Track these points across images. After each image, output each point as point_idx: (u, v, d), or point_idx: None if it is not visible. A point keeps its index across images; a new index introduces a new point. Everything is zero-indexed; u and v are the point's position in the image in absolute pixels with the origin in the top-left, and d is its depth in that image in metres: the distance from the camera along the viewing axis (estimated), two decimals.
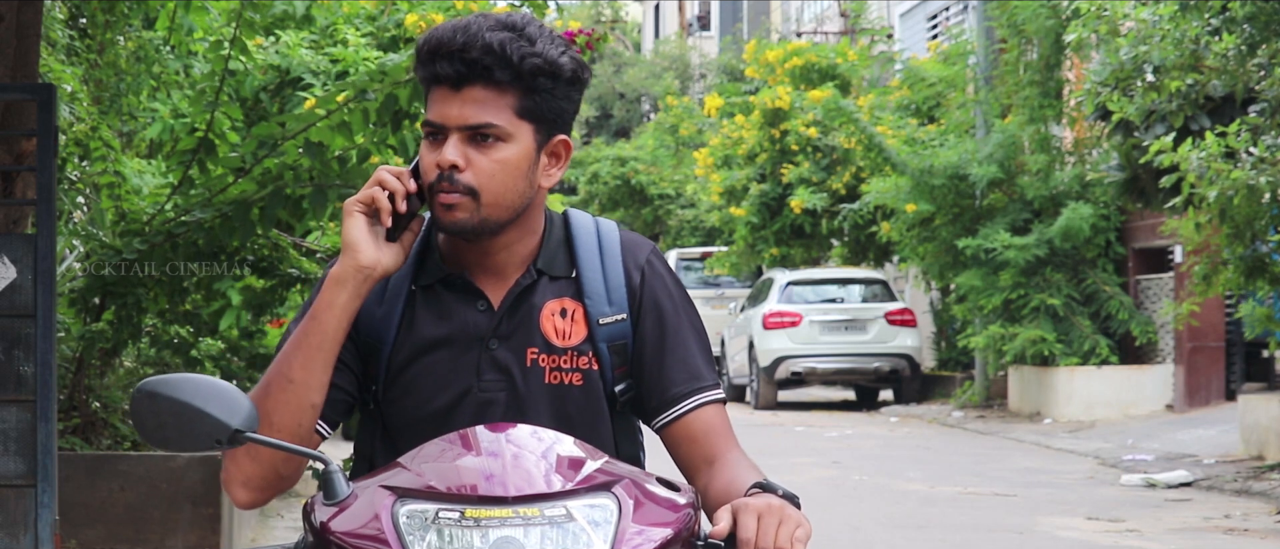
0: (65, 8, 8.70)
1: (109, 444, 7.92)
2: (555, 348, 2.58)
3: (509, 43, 2.48)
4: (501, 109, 2.50)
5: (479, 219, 2.51)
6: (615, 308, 2.61)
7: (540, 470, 2.19)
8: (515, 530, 2.11)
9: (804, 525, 2.28)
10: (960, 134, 19.70)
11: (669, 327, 2.63)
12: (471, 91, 2.49)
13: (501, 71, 2.48)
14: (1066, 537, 9.92)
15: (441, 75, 2.50)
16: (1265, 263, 12.33)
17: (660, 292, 2.64)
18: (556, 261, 2.62)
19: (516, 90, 2.50)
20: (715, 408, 2.62)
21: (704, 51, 43.42)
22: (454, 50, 2.48)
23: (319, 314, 2.51)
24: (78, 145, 7.93)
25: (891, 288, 22.56)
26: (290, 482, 2.55)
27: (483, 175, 2.50)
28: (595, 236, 2.65)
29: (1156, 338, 18.11)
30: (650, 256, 2.66)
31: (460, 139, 2.50)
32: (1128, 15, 12.99)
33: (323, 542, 2.19)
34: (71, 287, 7.90)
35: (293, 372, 2.50)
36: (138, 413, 2.37)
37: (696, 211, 32.34)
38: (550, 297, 2.60)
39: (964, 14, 23.35)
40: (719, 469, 2.56)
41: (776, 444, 15.91)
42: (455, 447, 2.25)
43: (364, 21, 8.61)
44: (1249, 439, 13.70)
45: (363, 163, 7.12)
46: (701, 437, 2.59)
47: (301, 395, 2.50)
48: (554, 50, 2.51)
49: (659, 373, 2.61)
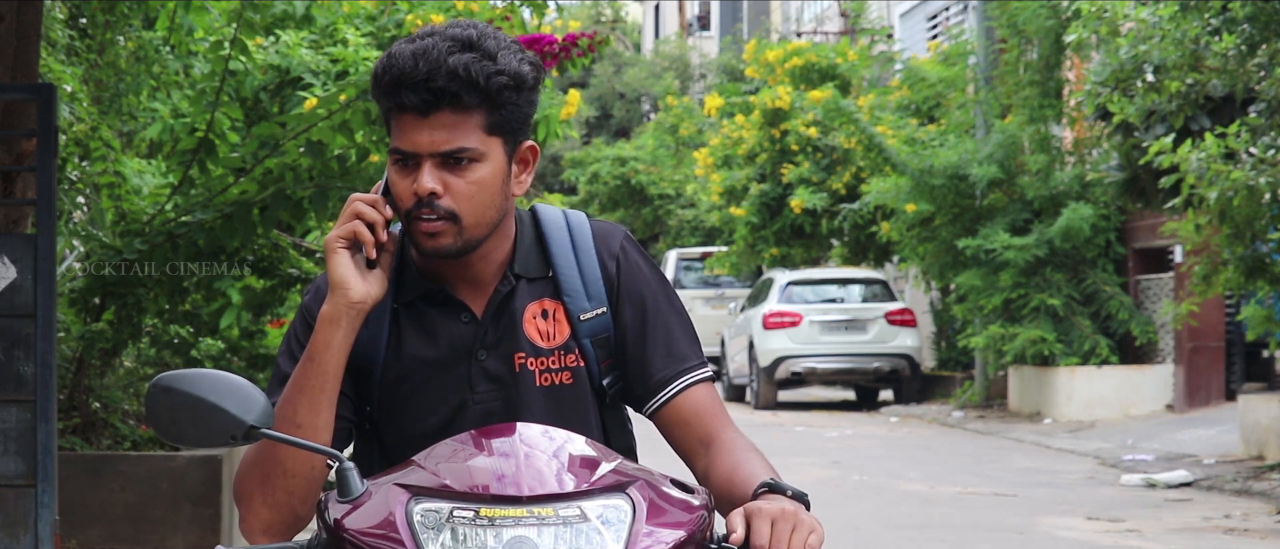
0: (65, 8, 8.71)
1: (109, 444, 7.92)
2: (541, 350, 2.59)
3: (473, 65, 2.46)
4: (471, 130, 2.48)
5: (462, 242, 2.51)
6: (594, 302, 2.61)
7: (552, 470, 2.19)
8: (529, 530, 2.11)
9: (817, 531, 2.28)
10: (960, 134, 19.70)
11: (649, 312, 2.63)
12: (440, 117, 2.47)
13: (469, 95, 2.47)
14: (1066, 537, 9.92)
15: (407, 104, 2.47)
16: (1265, 263, 12.33)
17: (637, 278, 2.64)
18: (532, 263, 2.62)
19: (484, 109, 2.49)
20: (704, 387, 2.62)
21: (704, 51, 43.40)
22: (419, 80, 2.45)
23: (316, 355, 2.50)
24: (78, 145, 7.94)
25: (891, 288, 22.55)
26: (306, 521, 2.54)
27: (461, 199, 2.49)
28: (567, 232, 2.64)
29: (1156, 338, 18.11)
30: (623, 243, 2.66)
31: (434, 165, 2.48)
32: (1128, 15, 12.99)
33: (337, 539, 2.18)
34: (71, 287, 7.91)
35: (299, 417, 2.50)
36: (153, 408, 2.37)
37: (696, 211, 32.34)
38: (530, 299, 2.60)
39: (964, 14, 23.34)
40: (718, 453, 2.55)
41: (776, 444, 15.90)
42: (467, 447, 2.25)
43: (364, 21, 8.60)
44: (1249, 439, 13.70)
45: (362, 162, 7.12)
46: (693, 418, 2.59)
47: (310, 438, 2.49)
48: (515, 61, 2.50)
49: (643, 359, 2.61)
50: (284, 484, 2.49)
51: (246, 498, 2.51)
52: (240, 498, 2.52)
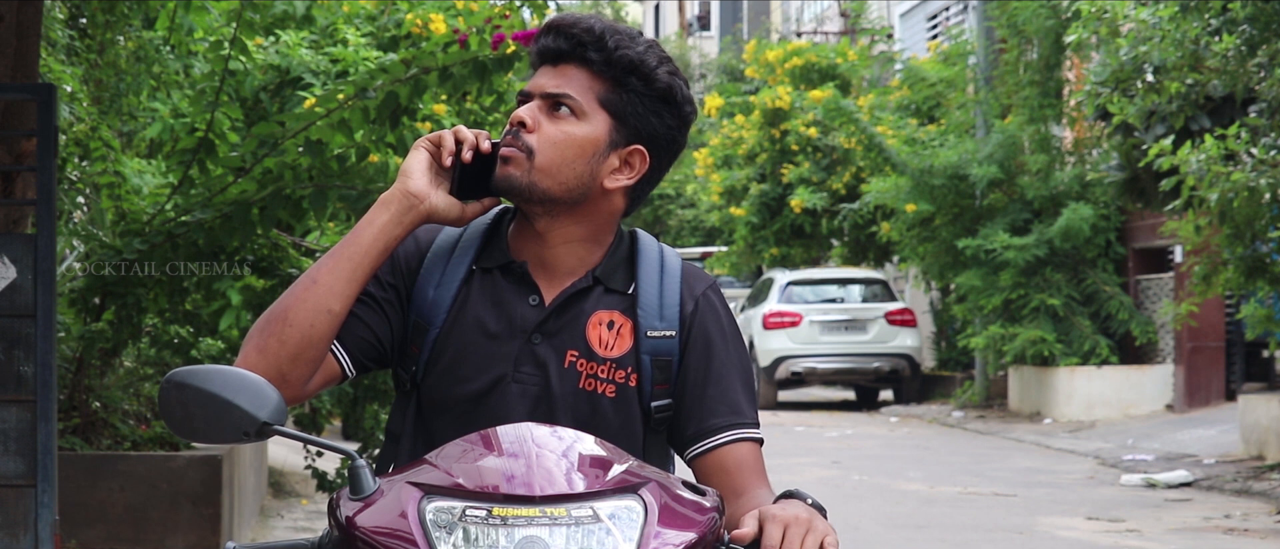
0: (65, 8, 8.71)
1: (109, 444, 7.92)
2: (596, 356, 2.60)
3: (609, 33, 2.58)
4: (585, 90, 2.58)
5: (528, 181, 2.56)
6: (666, 324, 2.62)
7: (562, 470, 2.20)
8: (541, 530, 2.12)
9: (832, 534, 2.28)
10: (960, 134, 19.70)
11: (716, 359, 2.63)
12: (565, 68, 2.59)
13: (595, 53, 2.57)
14: (1066, 537, 9.92)
15: (546, 49, 2.60)
16: (1265, 263, 12.34)
17: (712, 324, 2.65)
18: (616, 275, 2.64)
19: (606, 80, 2.58)
20: (752, 447, 2.61)
21: (704, 51, 43.42)
22: (563, 26, 2.59)
23: (358, 230, 2.56)
24: (78, 145, 7.93)
25: (891, 288, 22.56)
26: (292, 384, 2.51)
27: (544, 139, 2.56)
28: (658, 259, 2.67)
29: (1156, 338, 18.12)
30: (708, 290, 2.68)
31: (539, 105, 2.58)
32: (1128, 16, 12.99)
33: (349, 537, 2.18)
34: (71, 287, 7.90)
35: (319, 274, 2.54)
36: (166, 404, 2.38)
37: (696, 211, 32.35)
38: (601, 307, 2.62)
39: (964, 14, 23.35)
40: (747, 502, 2.54)
41: (776, 444, 15.92)
42: (478, 446, 2.26)
43: (364, 21, 8.60)
44: (1249, 439, 13.70)
45: (362, 161, 7.12)
46: (734, 470, 2.58)
47: (322, 297, 2.52)
48: (652, 58, 2.59)
49: (700, 402, 2.60)
50: (278, 331, 2.51)
51: (245, 343, 2.54)
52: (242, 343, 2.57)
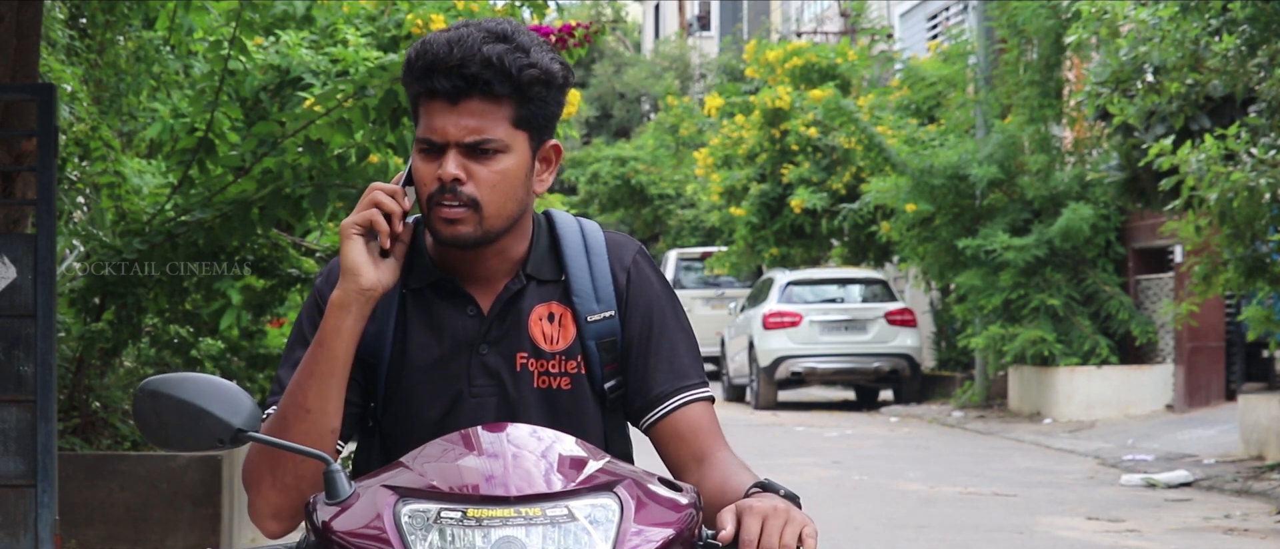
0: (65, 8, 8.71)
1: (109, 444, 7.92)
2: (543, 352, 2.59)
3: (506, 55, 2.48)
4: (499, 121, 2.50)
5: (481, 231, 2.52)
6: (603, 305, 2.62)
7: (540, 470, 2.20)
8: (517, 530, 2.12)
9: (810, 524, 2.28)
10: (960, 134, 19.70)
11: (655, 326, 2.63)
12: (469, 105, 2.49)
13: (500, 85, 2.49)
14: (1066, 537, 9.92)
15: (438, 90, 2.49)
16: (1265, 263, 12.33)
17: (647, 292, 2.65)
18: (545, 266, 2.63)
19: (513, 101, 2.51)
20: (702, 406, 2.61)
21: (704, 51, 43.41)
22: (452, 66, 2.47)
23: (326, 341, 2.50)
24: (78, 145, 7.94)
25: (891, 288, 22.56)
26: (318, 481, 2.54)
27: (484, 187, 2.51)
28: (581, 238, 2.65)
29: (1156, 338, 18.12)
30: (636, 256, 2.67)
31: (459, 153, 2.50)
32: (1128, 16, 12.99)
33: (325, 541, 2.19)
34: (71, 287, 7.91)
35: (308, 401, 2.50)
36: (140, 412, 2.37)
37: (696, 211, 32.34)
38: (538, 301, 2.61)
39: (964, 14, 23.34)
40: (710, 468, 2.55)
41: (776, 444, 15.91)
42: (456, 446, 2.26)
43: (364, 21, 8.60)
44: (1249, 439, 13.70)
45: (362, 161, 7.12)
46: (689, 434, 2.59)
47: (319, 423, 2.50)
48: (546, 58, 2.53)
49: (645, 372, 2.61)
50: (294, 468, 2.48)
51: (256, 483, 2.50)
52: (250, 483, 2.52)
